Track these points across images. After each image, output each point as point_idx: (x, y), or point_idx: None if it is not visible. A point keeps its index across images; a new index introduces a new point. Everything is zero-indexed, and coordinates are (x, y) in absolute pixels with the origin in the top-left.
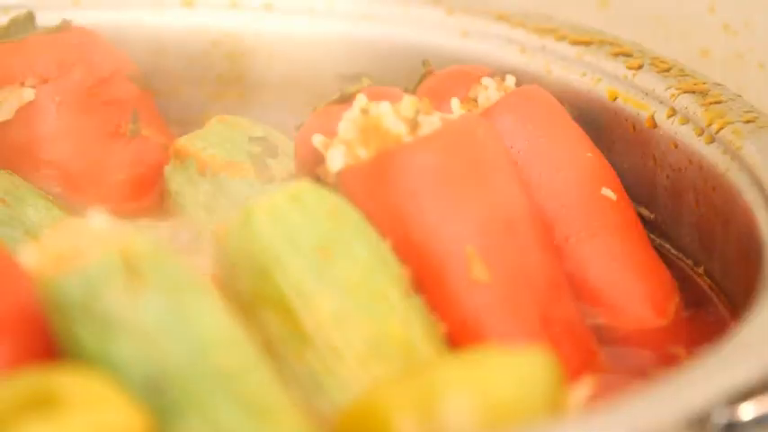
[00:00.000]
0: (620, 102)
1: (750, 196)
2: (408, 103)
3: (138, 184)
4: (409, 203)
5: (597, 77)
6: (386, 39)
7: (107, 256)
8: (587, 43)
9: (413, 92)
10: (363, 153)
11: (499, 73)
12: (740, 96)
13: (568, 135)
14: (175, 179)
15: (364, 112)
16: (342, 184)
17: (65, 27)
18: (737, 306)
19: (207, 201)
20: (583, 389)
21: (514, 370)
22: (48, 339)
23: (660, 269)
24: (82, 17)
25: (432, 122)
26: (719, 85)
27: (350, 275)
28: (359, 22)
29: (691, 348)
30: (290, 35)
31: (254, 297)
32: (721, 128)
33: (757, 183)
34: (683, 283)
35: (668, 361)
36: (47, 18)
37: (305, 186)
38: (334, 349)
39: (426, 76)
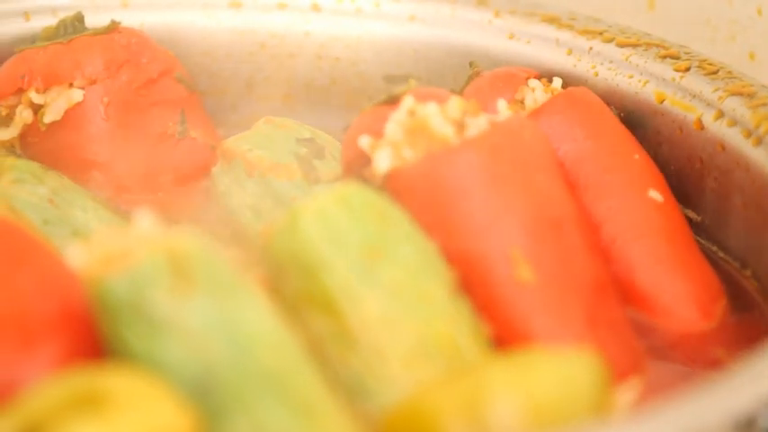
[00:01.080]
0: (667, 104)
1: None
2: (455, 104)
3: (185, 185)
4: (456, 205)
5: (644, 79)
6: (433, 40)
7: (154, 257)
8: (634, 45)
9: (460, 93)
10: (410, 155)
11: (546, 75)
12: None
13: (615, 137)
14: (223, 180)
15: (411, 113)
16: (388, 186)
17: (113, 28)
18: None
19: (254, 202)
20: (629, 391)
21: (560, 372)
22: (96, 339)
23: (707, 272)
24: (130, 18)
25: (478, 124)
26: (767, 87)
27: (396, 277)
28: (406, 24)
29: (737, 351)
30: (338, 36)
31: (300, 298)
32: None
33: None
34: (730, 286)
35: (714, 364)
36: (95, 19)
37: (352, 188)
38: (380, 351)
39: (473, 78)
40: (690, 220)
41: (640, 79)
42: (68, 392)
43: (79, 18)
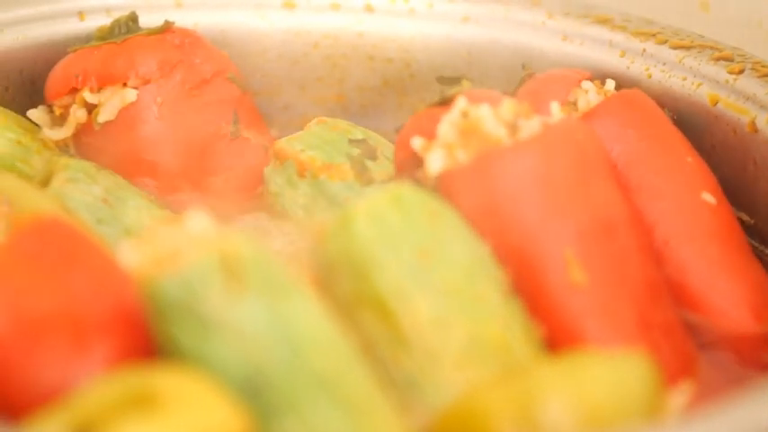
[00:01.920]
0: (720, 106)
1: None
2: (508, 106)
3: (238, 185)
4: (509, 207)
5: (698, 82)
6: (486, 41)
7: (206, 257)
8: (688, 47)
9: (512, 95)
10: (463, 156)
11: (599, 77)
12: None
13: (668, 139)
14: (275, 181)
15: (464, 115)
16: (441, 187)
17: (167, 28)
18: None
19: (306, 202)
20: (681, 394)
21: (613, 374)
22: (148, 339)
23: (760, 274)
24: (184, 18)
25: (531, 126)
26: None
27: (449, 278)
28: (459, 25)
29: None
30: (391, 37)
31: (352, 299)
32: None
33: None
34: None
35: (766, 366)
36: (149, 19)
37: (404, 189)
38: (432, 352)
39: (526, 80)
40: (742, 223)
41: (694, 81)
42: (120, 392)
43: (133, 18)
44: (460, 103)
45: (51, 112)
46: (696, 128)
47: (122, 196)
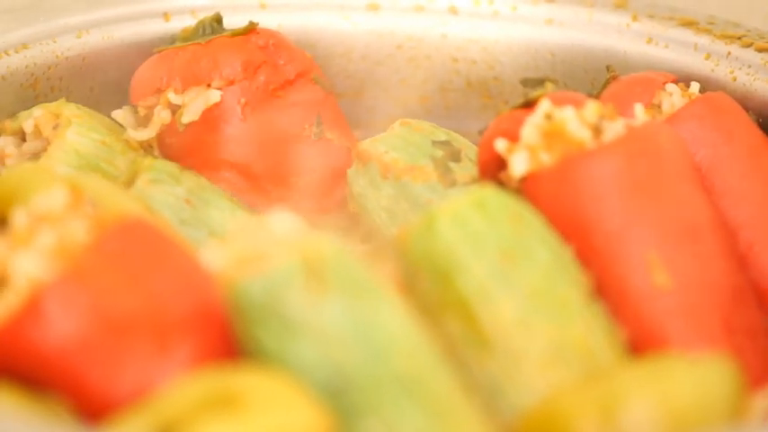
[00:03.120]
0: None
1: None
2: (592, 108)
3: (321, 186)
4: (592, 209)
5: None
6: (570, 44)
7: (290, 259)
8: None
9: (597, 97)
10: (547, 158)
11: (684, 79)
12: None
13: (753, 143)
14: (358, 182)
15: (548, 117)
16: (525, 190)
17: (251, 29)
18: None
19: (389, 204)
20: (765, 397)
21: (696, 378)
22: (230, 340)
23: None
24: (268, 19)
25: (615, 129)
26: None
27: (532, 281)
28: (543, 27)
29: None
30: (474, 39)
31: (435, 301)
32: None
33: None
34: None
35: None
36: (234, 20)
37: (488, 191)
38: (515, 354)
39: (610, 82)
40: None
41: None
42: (203, 392)
43: (218, 19)
44: (544, 106)
45: (136, 112)
46: None
47: (205, 197)
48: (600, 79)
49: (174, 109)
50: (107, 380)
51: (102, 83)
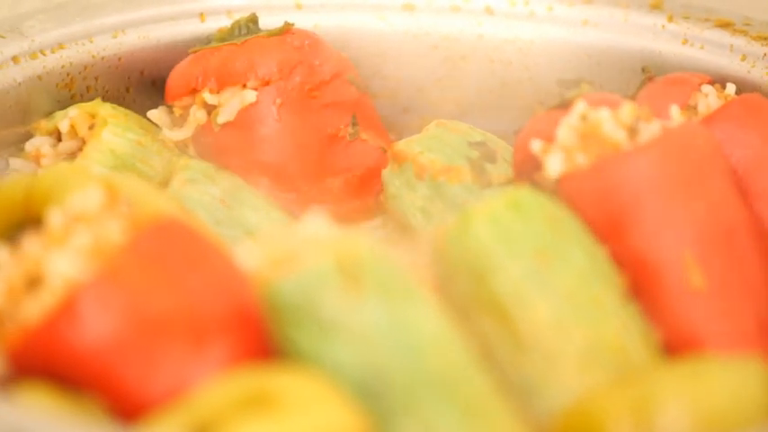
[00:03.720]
0: None
1: None
2: (628, 109)
3: (356, 187)
4: (628, 210)
5: None
6: (606, 45)
7: (325, 260)
8: None
9: (632, 99)
10: (582, 159)
11: (719, 80)
12: None
13: None
14: (393, 183)
15: (584, 118)
16: (560, 190)
17: (287, 29)
18: None
19: (425, 205)
20: None
21: (731, 379)
22: (265, 340)
23: None
24: (303, 20)
25: (651, 130)
26: None
27: (567, 282)
28: (579, 28)
29: None
30: (510, 40)
31: (470, 302)
32: None
33: None
34: None
35: None
36: (269, 20)
37: (524, 192)
38: (550, 355)
39: (646, 83)
40: None
41: None
42: (239, 392)
43: (253, 19)
44: (580, 107)
45: (171, 112)
46: None
47: (241, 197)
48: (635, 80)
49: (210, 109)
50: (142, 380)
51: (137, 83)
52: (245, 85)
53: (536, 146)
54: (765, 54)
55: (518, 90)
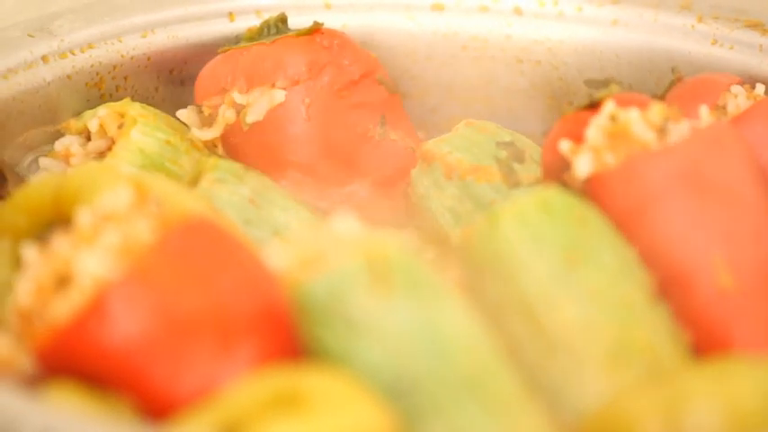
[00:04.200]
0: None
1: None
2: (657, 110)
3: (385, 186)
4: (657, 211)
5: None
6: (635, 45)
7: (353, 260)
8: None
9: (661, 99)
10: (611, 160)
11: (749, 81)
12: None
13: None
14: (422, 182)
15: (613, 118)
16: (588, 191)
17: (316, 29)
18: None
19: (453, 204)
20: None
21: (761, 380)
22: (294, 340)
23: None
24: (333, 19)
25: (680, 130)
26: None
27: (595, 282)
28: (608, 28)
29: None
30: (539, 40)
31: (499, 301)
32: None
33: None
34: None
35: None
36: (298, 20)
37: (552, 192)
38: (578, 355)
39: (675, 84)
40: None
41: None
42: (267, 392)
43: (282, 19)
44: (609, 107)
45: (200, 112)
46: None
47: (270, 197)
48: (665, 81)
49: (239, 109)
50: (171, 379)
51: (167, 82)
52: (274, 85)
53: (565, 146)
54: None
55: (547, 90)
